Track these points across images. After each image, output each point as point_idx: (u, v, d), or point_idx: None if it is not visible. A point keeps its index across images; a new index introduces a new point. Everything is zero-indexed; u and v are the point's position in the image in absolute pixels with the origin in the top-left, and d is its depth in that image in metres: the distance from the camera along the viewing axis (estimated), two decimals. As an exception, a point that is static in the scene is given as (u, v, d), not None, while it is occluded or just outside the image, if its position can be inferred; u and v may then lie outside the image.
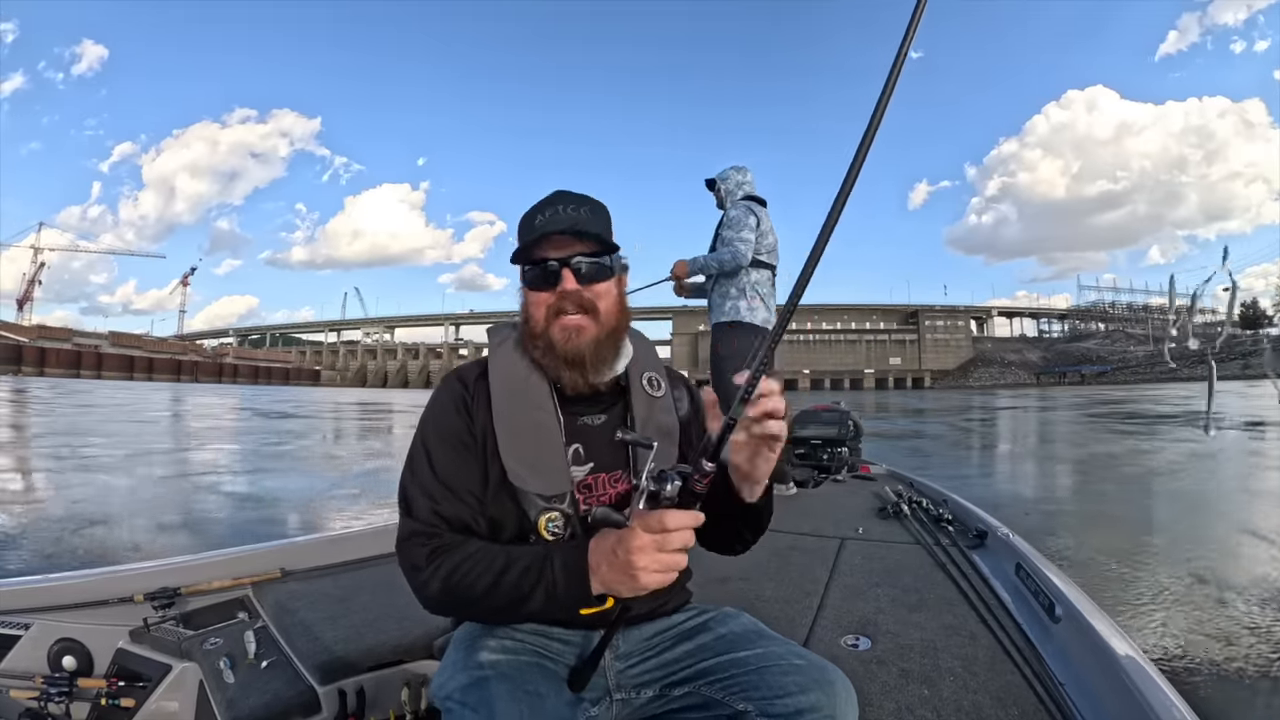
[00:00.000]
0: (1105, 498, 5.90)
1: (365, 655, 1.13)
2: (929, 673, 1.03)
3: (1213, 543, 4.01)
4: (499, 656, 0.74)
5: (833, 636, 1.18)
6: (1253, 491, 5.98)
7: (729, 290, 2.75)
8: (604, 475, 0.84)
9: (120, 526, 4.45)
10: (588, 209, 0.82)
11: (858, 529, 1.88)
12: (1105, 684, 0.92)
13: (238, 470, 7.64)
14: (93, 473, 6.80)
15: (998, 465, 9.16)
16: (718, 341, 2.79)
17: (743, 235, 2.68)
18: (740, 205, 2.80)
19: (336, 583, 1.47)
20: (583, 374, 0.80)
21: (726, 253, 2.68)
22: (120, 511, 4.91)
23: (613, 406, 0.87)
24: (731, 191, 2.92)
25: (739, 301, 2.72)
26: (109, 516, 4.68)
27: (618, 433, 0.78)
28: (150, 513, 4.93)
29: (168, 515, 4.84)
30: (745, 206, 2.79)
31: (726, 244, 2.70)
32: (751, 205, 2.80)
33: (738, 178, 2.94)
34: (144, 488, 6.15)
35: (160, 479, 6.75)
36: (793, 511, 2.24)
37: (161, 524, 4.55)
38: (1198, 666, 2.10)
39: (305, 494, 6.07)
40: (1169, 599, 2.75)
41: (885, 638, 1.17)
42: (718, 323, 2.79)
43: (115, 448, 9.19)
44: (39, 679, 1.16)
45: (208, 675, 1.17)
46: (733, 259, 2.67)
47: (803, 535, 1.92)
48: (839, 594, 1.41)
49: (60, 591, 1.28)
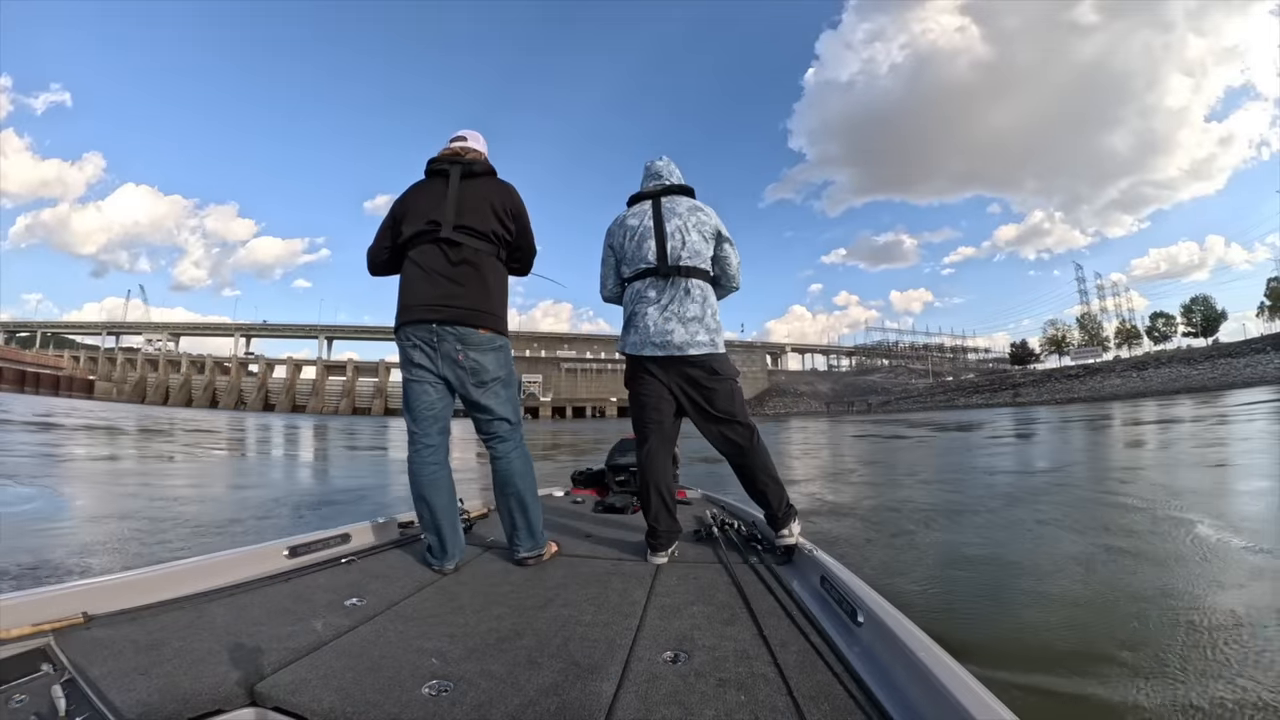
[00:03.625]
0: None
1: (183, 706, 1.02)
2: (745, 679, 1.09)
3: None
4: None
5: (652, 654, 1.21)
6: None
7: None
8: None
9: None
10: None
11: (674, 551, 1.95)
12: (905, 676, 1.03)
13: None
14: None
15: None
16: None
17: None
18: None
19: (145, 627, 1.32)
20: None
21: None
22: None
23: None
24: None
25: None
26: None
27: None
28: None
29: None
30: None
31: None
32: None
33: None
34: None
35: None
36: (611, 537, 2.29)
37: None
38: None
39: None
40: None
41: (702, 651, 1.22)
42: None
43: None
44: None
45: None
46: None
47: (621, 560, 1.97)
48: (657, 614, 1.45)
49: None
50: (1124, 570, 3.17)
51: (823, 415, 58.84)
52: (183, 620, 1.37)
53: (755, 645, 1.24)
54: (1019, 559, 3.54)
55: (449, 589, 1.68)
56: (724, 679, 1.09)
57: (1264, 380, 36.83)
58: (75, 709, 1.01)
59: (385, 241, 2.05)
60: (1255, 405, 19.06)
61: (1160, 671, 2.01)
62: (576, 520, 2.58)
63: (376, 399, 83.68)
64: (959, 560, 3.57)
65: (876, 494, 6.55)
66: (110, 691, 1.04)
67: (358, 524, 2.14)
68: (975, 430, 18.07)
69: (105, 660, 1.15)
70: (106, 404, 60.38)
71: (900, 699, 1.00)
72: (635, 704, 1.00)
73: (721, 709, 0.99)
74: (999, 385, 62.62)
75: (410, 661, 1.17)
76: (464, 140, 2.14)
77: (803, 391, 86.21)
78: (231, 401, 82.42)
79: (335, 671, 1.12)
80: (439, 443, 1.96)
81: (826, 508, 5.62)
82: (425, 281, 1.90)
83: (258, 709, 1.03)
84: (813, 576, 1.65)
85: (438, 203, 1.96)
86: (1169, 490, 5.56)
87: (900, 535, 4.34)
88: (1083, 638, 2.34)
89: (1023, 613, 2.67)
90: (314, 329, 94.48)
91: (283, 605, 1.48)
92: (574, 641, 1.27)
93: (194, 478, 8.13)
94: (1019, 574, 3.25)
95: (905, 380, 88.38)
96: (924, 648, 1.03)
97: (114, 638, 1.26)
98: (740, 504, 2.70)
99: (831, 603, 1.45)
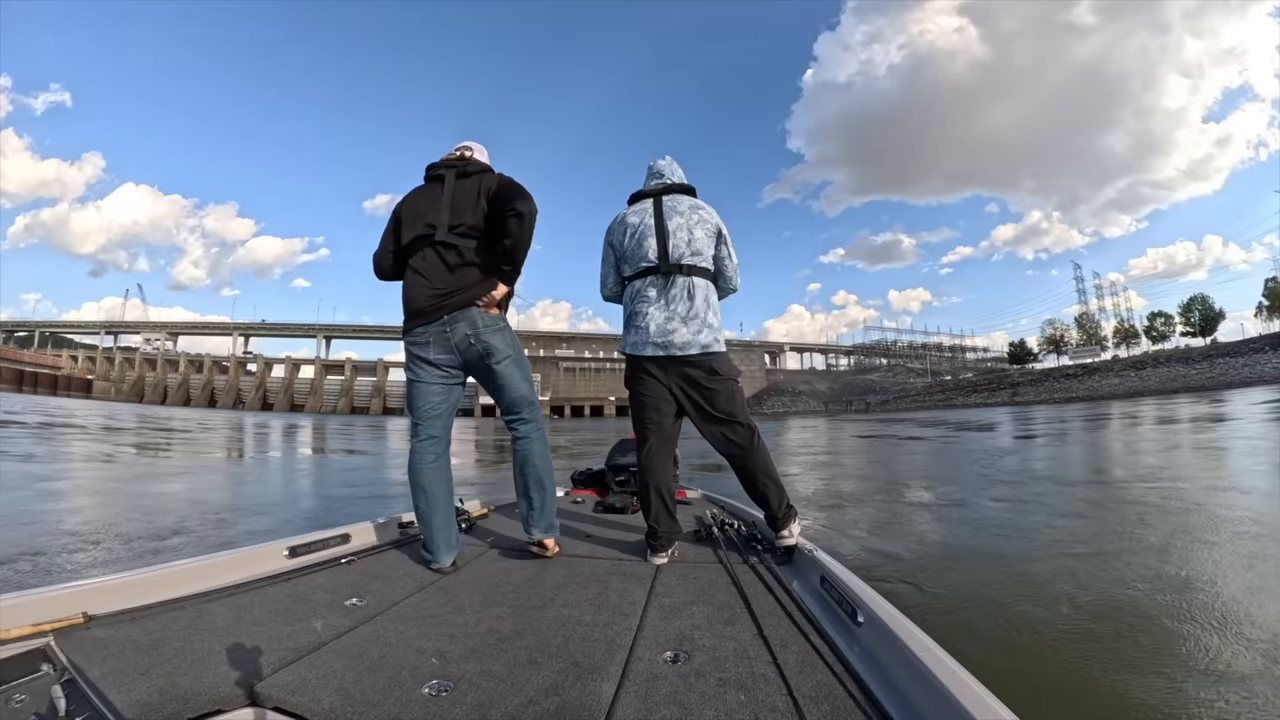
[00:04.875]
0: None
1: (183, 706, 1.02)
2: (744, 680, 1.09)
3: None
4: None
5: (652, 654, 1.21)
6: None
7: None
8: None
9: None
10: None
11: (673, 551, 1.95)
12: (905, 676, 1.03)
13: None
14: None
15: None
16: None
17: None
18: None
19: (145, 627, 1.33)
20: None
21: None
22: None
23: None
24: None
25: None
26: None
27: None
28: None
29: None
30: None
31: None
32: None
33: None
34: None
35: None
36: (611, 537, 2.29)
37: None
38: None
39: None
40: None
41: (702, 651, 1.22)
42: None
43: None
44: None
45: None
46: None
47: (622, 560, 1.97)
48: (657, 614, 1.45)
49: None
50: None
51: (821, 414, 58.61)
52: (183, 620, 1.37)
53: (755, 645, 1.25)
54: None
55: (449, 589, 1.68)
56: (724, 679, 1.10)
57: (1263, 380, 36.81)
58: (75, 709, 1.01)
59: (389, 245, 2.08)
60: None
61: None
62: (576, 520, 2.57)
63: (375, 398, 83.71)
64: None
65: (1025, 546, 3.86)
66: (110, 691, 1.05)
67: (358, 524, 2.14)
68: (997, 430, 17.26)
69: (105, 660, 1.16)
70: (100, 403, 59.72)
71: (900, 699, 1.00)
72: (635, 704, 1.01)
73: (721, 709, 1.00)
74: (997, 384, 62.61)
75: (410, 661, 1.17)
76: (467, 149, 2.18)
77: (801, 391, 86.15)
78: (229, 401, 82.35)
79: (335, 671, 1.12)
80: (440, 436, 2.03)
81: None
82: (426, 285, 1.96)
83: (258, 709, 1.03)
84: (813, 576, 1.65)
85: (433, 206, 2.00)
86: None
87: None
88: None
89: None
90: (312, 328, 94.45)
91: (283, 605, 1.49)
92: (574, 641, 1.28)
93: (101, 482, 7.16)
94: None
95: (904, 379, 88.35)
96: (924, 648, 1.03)
97: (114, 638, 1.26)
98: (740, 504, 2.70)
99: (831, 603, 1.45)
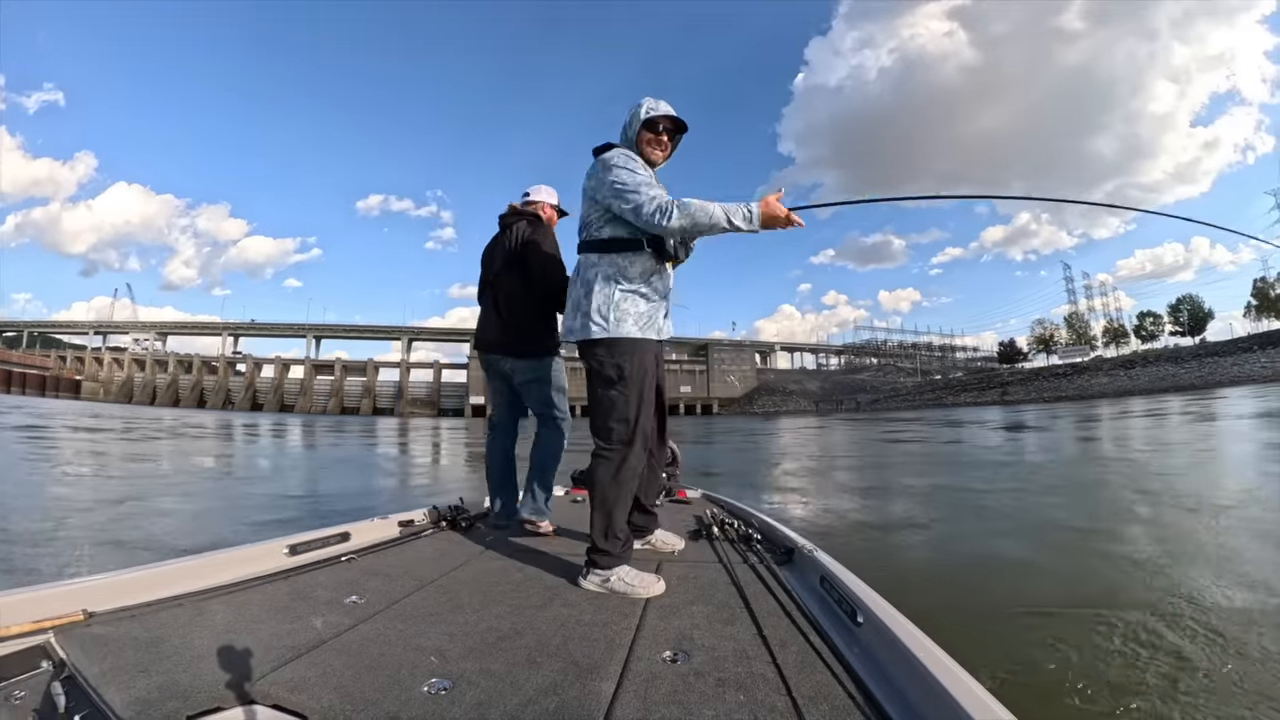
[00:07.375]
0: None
1: (183, 703, 1.02)
2: (744, 680, 1.10)
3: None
4: None
5: (652, 654, 1.22)
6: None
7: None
8: None
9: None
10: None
11: (673, 551, 1.95)
12: (905, 676, 1.04)
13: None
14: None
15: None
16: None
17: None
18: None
19: (144, 625, 1.32)
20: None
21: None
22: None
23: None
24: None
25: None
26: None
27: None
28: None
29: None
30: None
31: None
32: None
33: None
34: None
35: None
36: None
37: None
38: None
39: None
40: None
41: (701, 651, 1.23)
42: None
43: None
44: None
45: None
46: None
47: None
48: (656, 613, 1.46)
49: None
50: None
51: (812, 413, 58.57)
52: (183, 618, 1.37)
53: (755, 645, 1.25)
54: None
55: (448, 588, 1.68)
56: (723, 679, 1.10)
57: (1251, 379, 37.18)
58: (75, 706, 1.01)
59: (481, 285, 2.67)
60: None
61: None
62: (576, 520, 2.58)
63: (365, 398, 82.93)
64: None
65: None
66: (110, 689, 1.04)
67: (358, 522, 2.14)
68: (1014, 431, 16.82)
69: (105, 657, 1.15)
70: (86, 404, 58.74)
71: (900, 699, 1.01)
72: (635, 703, 1.01)
73: (721, 709, 1.00)
74: (987, 384, 63.05)
75: (410, 660, 1.17)
76: (528, 196, 2.68)
77: (792, 390, 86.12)
78: (219, 401, 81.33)
79: (335, 670, 1.12)
80: (508, 427, 2.70)
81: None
82: (484, 324, 2.61)
83: (257, 707, 1.03)
84: (812, 577, 1.66)
85: (492, 258, 2.61)
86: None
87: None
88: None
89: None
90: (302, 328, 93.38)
91: (282, 603, 1.48)
92: (573, 641, 1.28)
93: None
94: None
95: (894, 379, 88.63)
96: (923, 648, 1.04)
97: (114, 635, 1.25)
98: (740, 504, 2.72)
99: (831, 603, 1.46)
